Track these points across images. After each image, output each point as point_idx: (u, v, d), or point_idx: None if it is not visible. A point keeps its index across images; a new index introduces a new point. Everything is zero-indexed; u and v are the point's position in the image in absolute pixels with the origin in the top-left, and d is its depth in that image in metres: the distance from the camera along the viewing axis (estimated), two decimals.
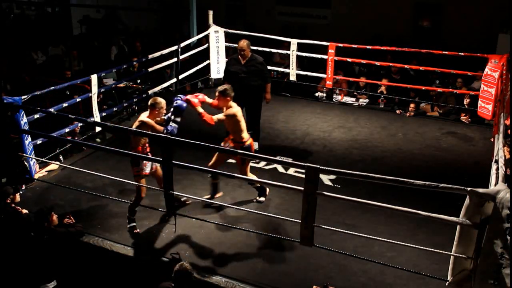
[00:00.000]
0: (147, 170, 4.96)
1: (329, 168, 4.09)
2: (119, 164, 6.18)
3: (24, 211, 4.89)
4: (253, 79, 6.63)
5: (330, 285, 4.05)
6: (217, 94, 5.27)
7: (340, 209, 5.31)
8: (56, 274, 4.54)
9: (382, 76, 9.26)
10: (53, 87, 6.35)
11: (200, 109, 5.11)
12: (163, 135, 4.62)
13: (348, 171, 4.12)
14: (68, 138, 6.73)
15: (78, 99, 6.83)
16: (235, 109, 5.21)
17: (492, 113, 7.44)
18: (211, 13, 9.30)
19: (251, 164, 6.41)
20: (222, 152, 5.24)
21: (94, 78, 6.87)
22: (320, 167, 3.93)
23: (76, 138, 6.92)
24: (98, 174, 5.50)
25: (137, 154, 4.85)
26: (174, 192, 4.62)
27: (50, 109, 6.06)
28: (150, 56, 8.32)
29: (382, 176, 3.88)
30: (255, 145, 6.26)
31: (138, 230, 4.98)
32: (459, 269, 3.68)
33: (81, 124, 6.89)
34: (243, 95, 6.49)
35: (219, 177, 5.49)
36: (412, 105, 8.56)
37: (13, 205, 4.86)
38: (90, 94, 6.90)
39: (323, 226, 4.14)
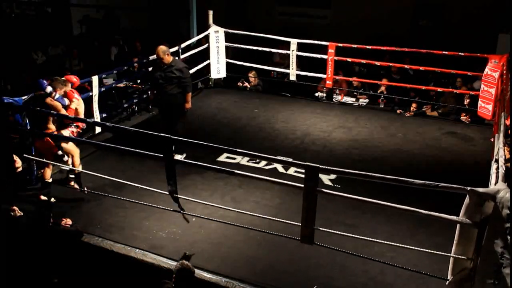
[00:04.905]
0: None
1: (328, 167, 4.08)
2: (119, 164, 6.19)
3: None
4: (170, 86, 6.37)
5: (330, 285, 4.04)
6: None
7: (340, 209, 5.31)
8: (57, 273, 4.53)
9: (382, 76, 9.26)
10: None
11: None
12: (163, 134, 4.62)
13: (348, 170, 4.11)
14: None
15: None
16: None
17: (492, 113, 7.44)
18: (211, 13, 9.30)
19: (251, 164, 6.45)
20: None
21: (95, 79, 6.85)
22: (320, 166, 3.92)
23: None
24: (98, 174, 5.50)
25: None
26: (179, 196, 4.61)
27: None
28: (151, 58, 8.30)
29: (381, 175, 3.88)
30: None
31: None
32: (459, 269, 3.67)
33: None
34: (162, 102, 6.49)
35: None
36: (414, 105, 8.56)
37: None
38: (90, 94, 6.89)
39: (322, 229, 4.13)
